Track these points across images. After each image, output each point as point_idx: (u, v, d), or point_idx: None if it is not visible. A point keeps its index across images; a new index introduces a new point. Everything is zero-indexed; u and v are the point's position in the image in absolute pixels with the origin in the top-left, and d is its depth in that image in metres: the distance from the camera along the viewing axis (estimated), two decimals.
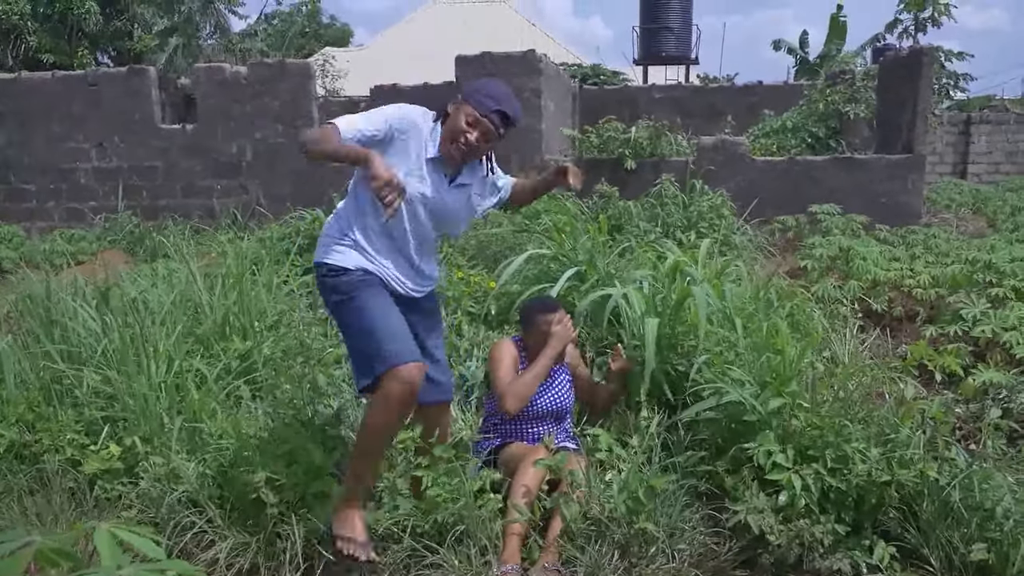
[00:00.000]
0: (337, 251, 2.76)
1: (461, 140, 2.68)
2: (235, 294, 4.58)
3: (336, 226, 2.83)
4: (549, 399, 3.34)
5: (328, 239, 2.82)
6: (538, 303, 3.52)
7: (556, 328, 3.29)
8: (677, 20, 19.60)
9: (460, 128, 2.67)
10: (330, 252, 2.77)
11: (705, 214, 7.21)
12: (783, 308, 4.33)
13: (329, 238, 2.82)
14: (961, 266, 5.53)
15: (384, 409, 2.62)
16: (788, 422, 3.03)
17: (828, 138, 10.36)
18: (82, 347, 4.04)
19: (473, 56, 9.44)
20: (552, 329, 3.29)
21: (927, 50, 8.95)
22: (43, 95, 10.04)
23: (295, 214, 7.71)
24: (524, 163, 9.18)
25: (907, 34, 17.22)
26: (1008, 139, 16.17)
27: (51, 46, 19.57)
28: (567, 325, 3.33)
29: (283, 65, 9.86)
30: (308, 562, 2.92)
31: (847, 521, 2.81)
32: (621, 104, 13.11)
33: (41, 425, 3.60)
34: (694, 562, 2.85)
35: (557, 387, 3.39)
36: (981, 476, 2.78)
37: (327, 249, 2.79)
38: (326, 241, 2.83)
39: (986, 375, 3.81)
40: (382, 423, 2.67)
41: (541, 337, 3.30)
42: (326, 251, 2.79)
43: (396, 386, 2.55)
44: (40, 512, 3.23)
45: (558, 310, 3.37)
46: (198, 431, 3.50)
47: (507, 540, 2.83)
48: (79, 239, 9.19)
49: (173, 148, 9.99)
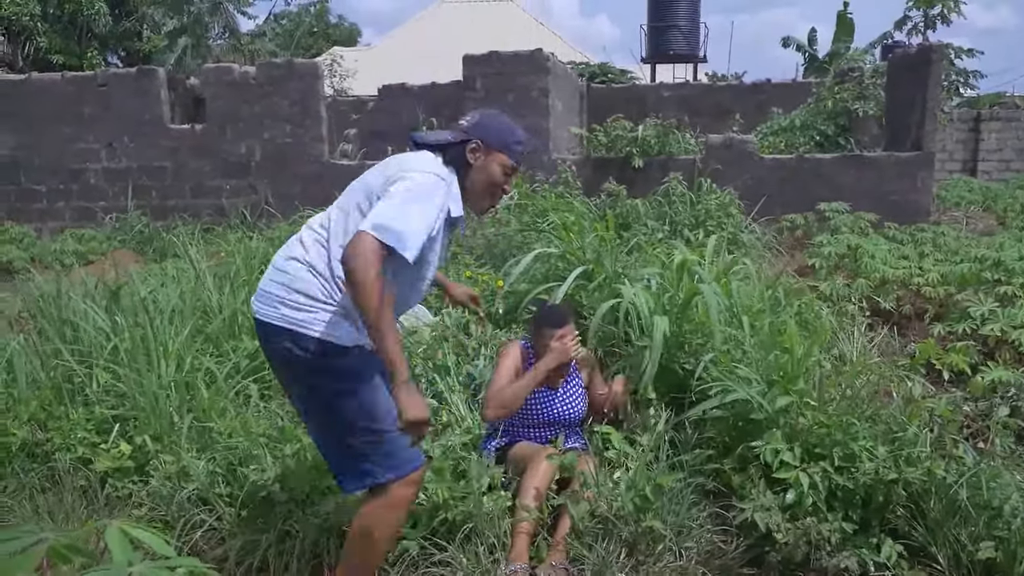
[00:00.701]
0: (328, 323, 2.27)
1: (500, 193, 2.54)
2: (244, 293, 4.61)
3: (317, 285, 2.30)
4: (560, 408, 3.32)
5: (310, 303, 2.28)
6: (548, 313, 3.40)
7: (555, 344, 3.20)
8: (685, 18, 19.60)
9: (498, 182, 2.50)
10: (318, 324, 2.27)
11: (713, 212, 7.21)
12: (791, 306, 4.33)
13: (312, 302, 2.28)
14: (970, 264, 5.51)
15: (395, 516, 2.39)
16: (795, 420, 3.03)
17: (837, 136, 10.33)
18: (92, 346, 4.07)
19: (481, 55, 9.45)
20: (552, 344, 3.21)
21: (936, 47, 8.91)
22: (53, 96, 10.10)
23: (304, 213, 7.74)
24: (532, 162, 9.20)
25: (916, 31, 17.19)
26: (1019, 136, 16.07)
27: (61, 47, 19.70)
28: (567, 344, 3.20)
29: (291, 65, 9.90)
30: (317, 559, 2.93)
31: (854, 519, 2.81)
32: (629, 102, 13.10)
33: (53, 424, 3.63)
34: (701, 560, 2.85)
35: (568, 396, 3.35)
36: (989, 474, 2.77)
37: (313, 318, 2.27)
38: (308, 305, 2.28)
39: (995, 373, 3.79)
40: (391, 531, 2.42)
41: (543, 349, 3.25)
42: (312, 320, 2.27)
43: (411, 492, 2.38)
44: (52, 510, 3.25)
45: (564, 325, 3.25)
46: (208, 430, 3.52)
47: (515, 539, 2.83)
48: (89, 239, 9.25)
49: (182, 148, 10.04)
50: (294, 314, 2.28)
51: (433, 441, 3.17)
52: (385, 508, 2.35)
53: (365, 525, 2.37)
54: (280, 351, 2.32)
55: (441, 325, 4.30)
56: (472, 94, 9.47)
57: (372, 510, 2.37)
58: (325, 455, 2.46)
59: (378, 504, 2.35)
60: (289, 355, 2.29)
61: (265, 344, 2.41)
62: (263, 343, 2.42)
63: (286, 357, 2.31)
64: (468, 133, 2.47)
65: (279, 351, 2.32)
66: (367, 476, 2.33)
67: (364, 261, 2.10)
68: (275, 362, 2.42)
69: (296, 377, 2.37)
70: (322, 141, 9.81)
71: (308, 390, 2.36)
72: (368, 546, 2.40)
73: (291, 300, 2.29)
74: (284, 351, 2.30)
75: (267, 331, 2.34)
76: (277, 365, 2.43)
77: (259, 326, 2.39)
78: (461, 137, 2.47)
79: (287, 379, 2.43)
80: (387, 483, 2.32)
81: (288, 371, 2.38)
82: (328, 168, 9.77)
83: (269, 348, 2.38)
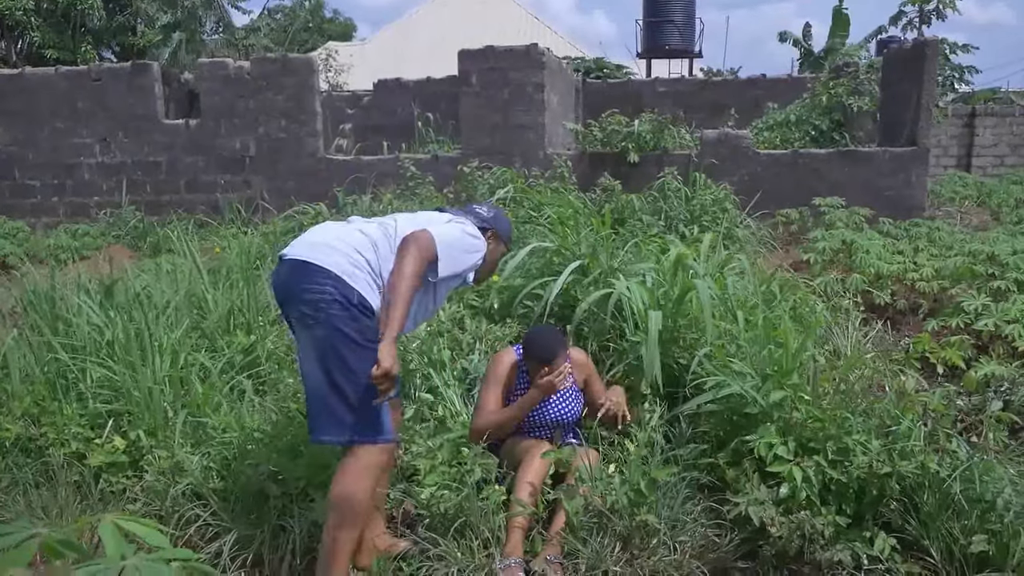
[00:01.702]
0: (369, 287, 2.56)
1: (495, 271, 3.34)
2: (239, 289, 4.60)
3: (375, 260, 2.61)
4: (555, 411, 3.29)
5: (366, 267, 2.58)
6: (540, 340, 3.24)
7: (541, 381, 3.11)
8: (680, 13, 19.58)
9: (496, 262, 3.16)
10: (363, 283, 2.55)
11: (708, 207, 7.21)
12: (786, 301, 4.34)
13: (368, 267, 2.59)
14: (963, 259, 5.52)
15: (367, 482, 2.55)
16: (789, 414, 3.04)
17: (832, 131, 10.33)
18: (87, 341, 4.06)
19: (476, 50, 9.43)
20: (538, 380, 3.13)
21: (931, 42, 8.91)
22: (47, 91, 10.06)
23: (298, 208, 7.73)
24: (527, 158, 9.19)
25: (911, 26, 17.19)
26: (1013, 132, 16.08)
27: (55, 42, 19.62)
28: (554, 379, 3.11)
29: (286, 60, 9.87)
30: (311, 554, 2.93)
31: (848, 513, 2.82)
32: (624, 98, 13.09)
33: (46, 419, 3.62)
34: (695, 554, 2.85)
35: (564, 399, 3.32)
36: (982, 468, 2.78)
37: (361, 277, 2.56)
38: (362, 267, 2.58)
39: (988, 368, 3.81)
40: (367, 490, 2.56)
41: (533, 374, 3.19)
42: (359, 278, 2.55)
43: (382, 459, 2.64)
44: (46, 505, 3.25)
45: (553, 359, 3.13)
46: (202, 425, 3.52)
47: (510, 533, 2.84)
48: (83, 234, 9.22)
49: (177, 143, 10.01)
50: (349, 267, 2.54)
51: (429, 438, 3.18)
52: (358, 471, 2.53)
53: (339, 491, 2.54)
54: (320, 291, 2.49)
55: (436, 320, 4.30)
56: (467, 89, 9.45)
57: (345, 474, 2.54)
58: (314, 402, 2.57)
59: (351, 466, 2.53)
60: (329, 298, 2.48)
61: (303, 284, 2.53)
62: (298, 284, 2.54)
63: (324, 299, 2.49)
64: (487, 223, 2.99)
65: (318, 290, 2.50)
66: (344, 429, 2.51)
67: (425, 250, 2.56)
68: (305, 303, 2.53)
69: (321, 321, 2.50)
70: (317, 136, 9.79)
71: (329, 335, 2.49)
72: (342, 515, 2.53)
73: (353, 258, 2.56)
74: (325, 292, 2.49)
75: (311, 272, 2.52)
76: (306, 306, 2.53)
77: (302, 268, 2.54)
78: (483, 224, 2.96)
79: (308, 319, 2.54)
80: (360, 444, 2.51)
81: (316, 313, 2.50)
82: (323, 163, 9.76)
83: (307, 287, 2.52)
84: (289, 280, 2.59)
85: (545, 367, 3.13)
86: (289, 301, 2.61)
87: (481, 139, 9.43)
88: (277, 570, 2.93)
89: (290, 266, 2.59)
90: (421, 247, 2.55)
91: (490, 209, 3.09)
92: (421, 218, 2.84)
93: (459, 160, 9.04)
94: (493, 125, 9.40)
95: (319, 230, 2.73)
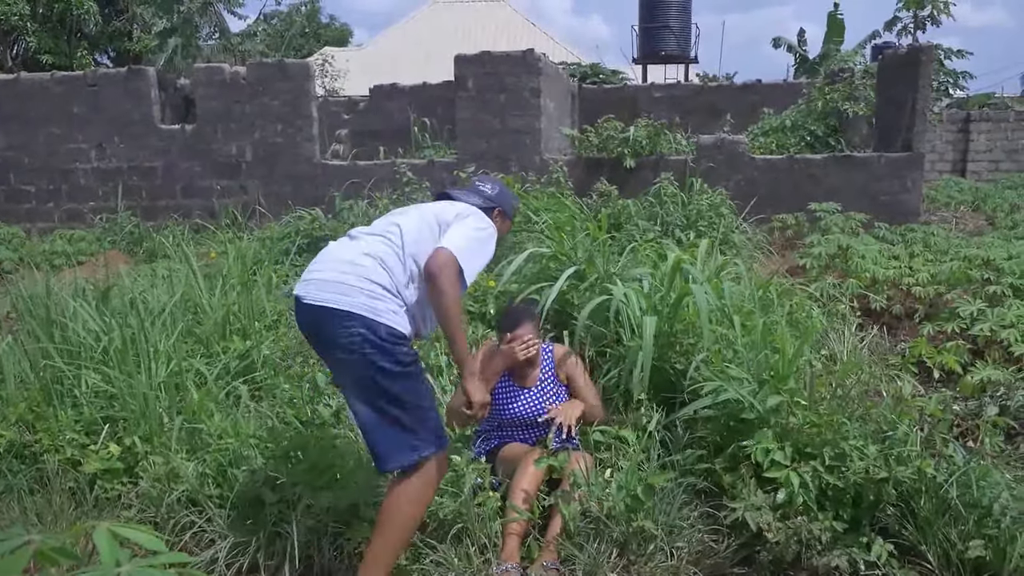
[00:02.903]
0: (395, 313, 2.55)
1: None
2: (235, 294, 4.59)
3: (387, 278, 2.58)
4: (524, 406, 3.31)
5: (384, 293, 2.56)
6: (509, 313, 3.43)
7: (504, 348, 3.22)
8: (676, 19, 19.60)
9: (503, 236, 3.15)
10: (389, 313, 2.53)
11: (704, 213, 7.21)
12: (782, 306, 4.34)
13: (385, 292, 2.56)
14: (959, 263, 5.53)
15: (426, 491, 2.59)
16: (786, 420, 3.04)
17: (827, 136, 10.35)
18: (82, 347, 4.05)
19: (472, 55, 9.44)
20: (502, 347, 3.24)
21: (926, 48, 8.95)
22: (42, 96, 10.04)
23: (294, 214, 7.72)
24: (523, 163, 9.20)
25: (906, 32, 17.23)
26: (1008, 137, 16.15)
27: (50, 47, 19.61)
28: (515, 348, 3.20)
29: (282, 65, 9.86)
30: (307, 561, 2.92)
31: (845, 518, 2.82)
32: (620, 103, 13.10)
33: (41, 425, 3.61)
34: (692, 559, 2.85)
35: (538, 395, 3.34)
36: (979, 473, 2.78)
37: (385, 307, 2.53)
38: (382, 295, 2.55)
39: (984, 372, 3.81)
40: (422, 505, 2.60)
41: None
42: (384, 310, 2.53)
43: (444, 468, 2.67)
44: (40, 512, 3.23)
45: (517, 327, 3.26)
46: (198, 431, 3.51)
47: (506, 539, 2.84)
48: (79, 240, 9.20)
49: (173, 149, 9.99)
50: (371, 302, 2.50)
51: None
52: (421, 483, 2.55)
53: (401, 502, 2.54)
54: (349, 335, 2.47)
55: None
56: (464, 94, 9.46)
57: (409, 487, 2.54)
58: (373, 436, 2.57)
59: (415, 480, 2.54)
60: (360, 339, 2.46)
61: (332, 329, 2.51)
62: (327, 331, 2.53)
63: (354, 342, 2.47)
64: (493, 201, 3.01)
65: (347, 335, 2.47)
66: (415, 450, 2.52)
67: (451, 273, 2.55)
68: (338, 347, 2.52)
69: (356, 361, 2.49)
70: (313, 141, 9.79)
71: (369, 373, 2.49)
72: (401, 524, 2.55)
73: (369, 289, 2.52)
74: (354, 335, 2.47)
75: (337, 317, 2.49)
76: (340, 350, 2.52)
77: (327, 315, 2.50)
78: (489, 204, 2.98)
79: (345, 364, 2.54)
80: (427, 458, 2.53)
81: (351, 355, 2.49)
82: (319, 168, 9.75)
83: (335, 333, 2.50)
84: (316, 326, 2.58)
85: (509, 336, 3.23)
86: (324, 347, 2.62)
87: (477, 144, 9.44)
88: None
89: (312, 313, 2.55)
90: (447, 273, 2.55)
91: (494, 185, 3.12)
92: (427, 214, 2.78)
93: (455, 165, 9.04)
94: (489, 130, 9.40)
95: (327, 262, 2.66)
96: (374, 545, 2.55)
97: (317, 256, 2.75)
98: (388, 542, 2.54)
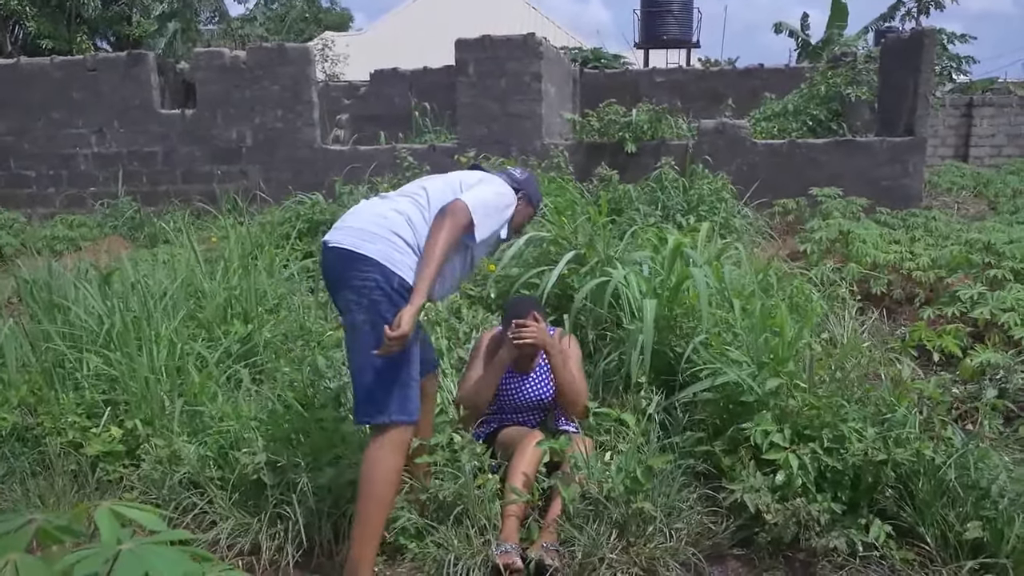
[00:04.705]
0: (411, 268, 2.63)
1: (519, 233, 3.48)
2: (236, 278, 4.59)
3: (411, 233, 2.68)
4: (530, 391, 3.34)
5: (405, 246, 2.66)
6: (513, 304, 3.44)
7: (509, 335, 3.24)
8: (678, 3, 19.50)
9: (523, 224, 3.17)
10: (404, 266, 2.63)
11: (705, 197, 7.20)
12: (782, 290, 4.34)
13: (406, 246, 2.66)
14: (960, 248, 5.53)
15: (394, 459, 2.65)
16: (785, 402, 3.05)
17: (829, 121, 10.32)
18: (84, 331, 4.05)
19: (473, 40, 9.40)
20: (507, 335, 3.26)
21: (929, 32, 8.90)
22: (42, 81, 10.01)
23: (295, 199, 7.71)
24: (524, 148, 9.18)
25: (909, 16, 17.14)
26: (1011, 122, 16.08)
27: (50, 32, 19.52)
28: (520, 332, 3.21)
29: (283, 50, 9.83)
30: (309, 542, 2.94)
31: (843, 500, 2.83)
32: (622, 88, 13.06)
33: (43, 408, 3.62)
34: (691, 541, 2.87)
35: (540, 379, 3.36)
36: (977, 455, 2.80)
37: (402, 259, 2.64)
38: (402, 248, 2.66)
39: (984, 356, 3.82)
40: (391, 475, 2.65)
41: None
42: (401, 262, 2.63)
43: (408, 437, 2.70)
44: (42, 494, 3.25)
45: (520, 316, 3.26)
46: (199, 414, 3.53)
47: (505, 521, 2.86)
48: (79, 225, 9.19)
49: (173, 134, 9.97)
50: (391, 253, 2.62)
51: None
52: (386, 448, 2.63)
53: (368, 468, 2.64)
54: (363, 278, 2.61)
55: (433, 309, 4.30)
56: (464, 79, 9.43)
57: (374, 451, 2.64)
58: (357, 378, 2.68)
59: (380, 443, 2.63)
60: (372, 284, 2.60)
61: (349, 272, 2.64)
62: (345, 271, 2.65)
63: (367, 285, 2.60)
64: (520, 185, 3.05)
65: (362, 278, 2.61)
66: (380, 409, 2.62)
67: (462, 218, 2.64)
68: (349, 288, 2.65)
69: (362, 306, 2.62)
70: (314, 126, 9.76)
71: (369, 318, 2.60)
72: (372, 491, 2.62)
73: (391, 240, 2.64)
74: (368, 279, 2.60)
75: (356, 259, 2.62)
76: (351, 291, 2.65)
77: (347, 256, 2.64)
78: (515, 186, 3.02)
79: (351, 304, 2.65)
80: (391, 424, 2.61)
81: (359, 298, 2.62)
82: (320, 153, 9.73)
83: (351, 275, 2.63)
84: (336, 268, 2.70)
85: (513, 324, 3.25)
86: (337, 287, 2.73)
87: (478, 129, 9.41)
88: (275, 558, 2.94)
89: (336, 255, 2.68)
90: (456, 217, 2.63)
91: (523, 172, 3.20)
92: (453, 179, 2.90)
93: (456, 150, 9.02)
94: (490, 115, 9.38)
95: (357, 214, 2.79)
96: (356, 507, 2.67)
97: (349, 209, 2.90)
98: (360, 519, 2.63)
